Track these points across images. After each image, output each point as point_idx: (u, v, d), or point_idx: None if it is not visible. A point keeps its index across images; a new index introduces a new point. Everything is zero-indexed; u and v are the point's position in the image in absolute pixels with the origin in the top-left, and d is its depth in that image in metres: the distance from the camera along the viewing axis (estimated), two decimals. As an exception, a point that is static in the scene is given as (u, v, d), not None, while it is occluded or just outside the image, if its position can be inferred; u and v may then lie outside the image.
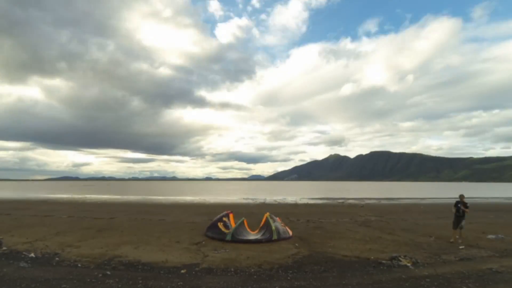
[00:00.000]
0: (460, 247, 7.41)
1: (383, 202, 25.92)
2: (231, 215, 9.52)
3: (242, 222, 8.80)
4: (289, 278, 5.10)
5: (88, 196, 33.80)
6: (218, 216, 9.39)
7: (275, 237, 8.11)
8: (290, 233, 8.83)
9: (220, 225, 8.80)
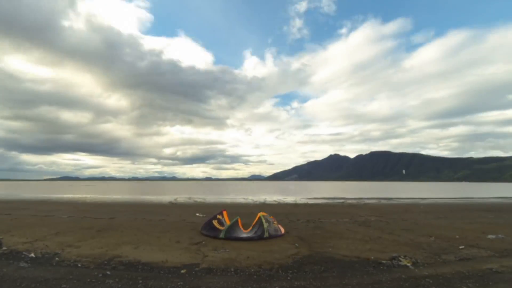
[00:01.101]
0: (460, 247, 7.40)
1: (383, 202, 25.89)
2: (224, 212, 9.74)
3: (237, 221, 9.03)
4: (289, 278, 5.09)
5: (88, 196, 33.79)
6: (213, 214, 9.63)
7: (266, 235, 8.32)
8: (283, 230, 9.07)
9: (215, 222, 9.03)
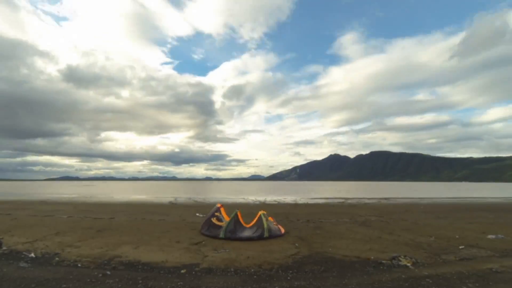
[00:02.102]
0: (460, 247, 7.40)
1: (383, 202, 25.89)
2: (222, 208, 9.70)
3: (236, 215, 8.92)
4: (289, 278, 5.09)
5: (88, 196, 33.79)
6: (210, 212, 9.56)
7: (266, 234, 8.28)
8: (282, 231, 9.03)
9: (214, 219, 9.00)
